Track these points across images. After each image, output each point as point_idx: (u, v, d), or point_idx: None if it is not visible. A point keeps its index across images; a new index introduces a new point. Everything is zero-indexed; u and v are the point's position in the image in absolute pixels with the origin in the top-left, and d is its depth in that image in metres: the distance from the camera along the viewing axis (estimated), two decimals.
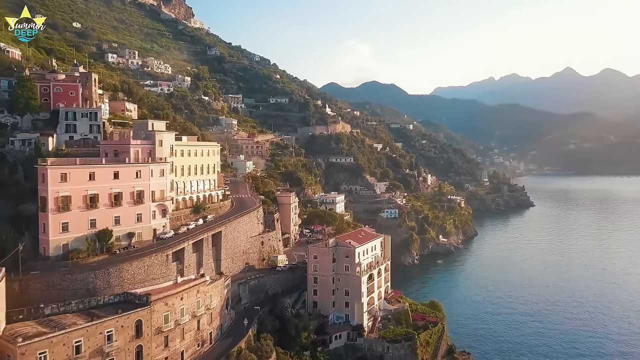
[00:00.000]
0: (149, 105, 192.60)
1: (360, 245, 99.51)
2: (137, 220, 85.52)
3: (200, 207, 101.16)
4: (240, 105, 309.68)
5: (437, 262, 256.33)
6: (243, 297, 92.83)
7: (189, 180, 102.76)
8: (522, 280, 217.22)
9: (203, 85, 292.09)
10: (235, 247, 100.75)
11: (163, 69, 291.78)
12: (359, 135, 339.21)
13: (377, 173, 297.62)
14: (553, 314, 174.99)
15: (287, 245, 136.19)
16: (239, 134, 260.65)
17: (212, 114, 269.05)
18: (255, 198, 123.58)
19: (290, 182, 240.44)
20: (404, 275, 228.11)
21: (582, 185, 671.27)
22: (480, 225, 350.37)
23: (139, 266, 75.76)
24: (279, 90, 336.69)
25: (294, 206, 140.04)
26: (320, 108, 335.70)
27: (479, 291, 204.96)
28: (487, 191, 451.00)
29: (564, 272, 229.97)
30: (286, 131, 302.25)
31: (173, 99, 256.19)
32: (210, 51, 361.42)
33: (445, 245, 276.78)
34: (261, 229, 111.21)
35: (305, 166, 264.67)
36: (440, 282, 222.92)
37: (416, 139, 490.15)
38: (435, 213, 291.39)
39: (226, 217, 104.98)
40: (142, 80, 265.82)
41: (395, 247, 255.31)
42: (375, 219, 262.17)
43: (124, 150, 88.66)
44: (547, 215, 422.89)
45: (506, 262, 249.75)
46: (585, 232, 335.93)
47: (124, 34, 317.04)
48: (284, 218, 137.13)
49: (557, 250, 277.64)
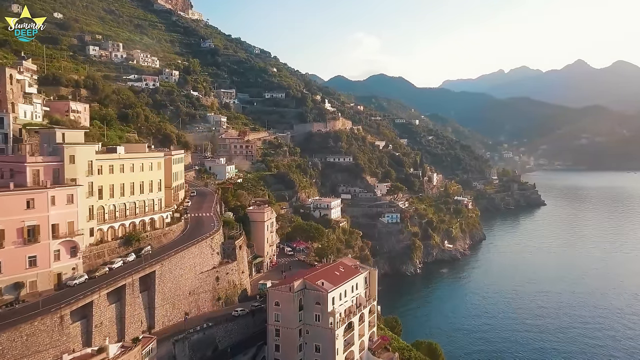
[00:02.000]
0: (119, 103, 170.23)
1: (336, 288, 76.33)
2: (30, 265, 63.01)
3: (133, 238, 78.37)
4: (233, 100, 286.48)
5: (441, 271, 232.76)
6: (180, 359, 70.25)
7: (120, 204, 79.97)
8: (534, 295, 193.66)
9: (192, 80, 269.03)
10: (177, 288, 78.13)
11: (150, 62, 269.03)
12: (360, 132, 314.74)
13: (378, 173, 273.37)
14: (570, 337, 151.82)
15: (260, 271, 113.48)
16: (228, 132, 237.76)
17: (200, 110, 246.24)
18: (216, 218, 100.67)
19: (283, 185, 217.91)
20: (404, 287, 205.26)
21: (595, 182, 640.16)
22: (489, 228, 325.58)
23: (13, 337, 53.41)
24: (275, 84, 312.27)
25: (269, 223, 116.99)
26: (319, 103, 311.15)
27: (486, 308, 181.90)
28: (497, 189, 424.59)
29: (580, 284, 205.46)
30: (281, 128, 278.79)
31: (157, 95, 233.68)
32: (204, 43, 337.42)
33: (451, 252, 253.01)
34: (217, 261, 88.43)
35: (300, 167, 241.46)
36: (444, 297, 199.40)
37: (422, 135, 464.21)
38: (441, 216, 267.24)
39: (171, 247, 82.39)
40: (126, 75, 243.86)
41: (397, 255, 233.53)
42: (374, 223, 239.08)
43: (19, 169, 66.14)
44: (559, 216, 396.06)
45: (516, 271, 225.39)
46: (600, 235, 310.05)
47: (111, 25, 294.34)
48: (256, 238, 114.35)
49: (571, 258, 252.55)
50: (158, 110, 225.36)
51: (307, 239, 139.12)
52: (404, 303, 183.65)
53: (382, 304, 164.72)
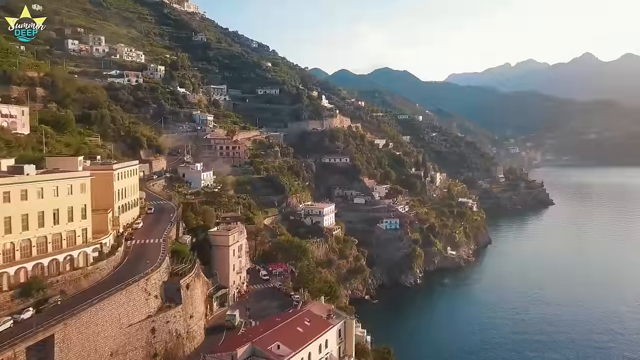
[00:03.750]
0: (84, 102, 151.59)
1: (295, 354, 57.42)
2: None
3: (33, 286, 59.76)
4: (224, 97, 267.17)
5: (443, 281, 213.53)
6: None
7: (21, 240, 61.38)
8: (543, 307, 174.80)
9: (180, 76, 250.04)
10: (92, 351, 59.51)
11: (135, 57, 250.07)
12: (358, 130, 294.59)
13: (377, 175, 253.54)
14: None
15: (223, 304, 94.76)
16: (215, 131, 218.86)
17: (186, 108, 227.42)
18: (164, 246, 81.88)
19: (272, 190, 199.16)
20: (402, 301, 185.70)
21: (604, 178, 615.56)
22: (495, 230, 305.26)
23: None
24: (268, 80, 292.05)
25: (236, 247, 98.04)
26: (316, 100, 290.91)
27: (492, 323, 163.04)
28: (503, 188, 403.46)
29: (595, 297, 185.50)
30: (275, 127, 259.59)
31: (140, 92, 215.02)
32: (195, 37, 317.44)
33: (454, 259, 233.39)
34: (155, 307, 69.64)
35: (292, 169, 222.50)
36: (446, 312, 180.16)
37: (425, 132, 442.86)
38: (443, 221, 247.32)
39: (93, 293, 63.80)
40: (107, 70, 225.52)
41: (395, 264, 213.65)
42: (372, 230, 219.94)
43: None
44: (568, 216, 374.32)
45: (524, 280, 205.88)
46: (613, 237, 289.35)
47: (96, 17, 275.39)
48: (220, 266, 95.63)
49: (582, 263, 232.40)
50: (139, 108, 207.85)
51: (289, 259, 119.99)
52: (401, 321, 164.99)
53: (377, 324, 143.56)
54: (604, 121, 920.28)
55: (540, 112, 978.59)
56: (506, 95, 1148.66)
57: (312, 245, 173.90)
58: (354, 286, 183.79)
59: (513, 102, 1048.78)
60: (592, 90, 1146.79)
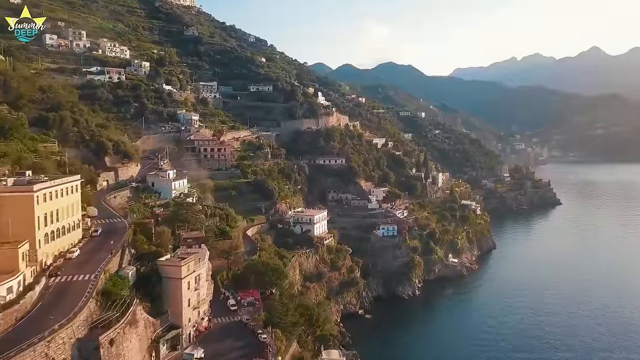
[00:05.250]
0: (47, 103, 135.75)
1: None
2: None
3: None
4: (214, 94, 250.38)
5: (444, 292, 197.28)
6: None
7: None
8: (552, 321, 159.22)
9: (166, 72, 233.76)
10: None
11: (119, 52, 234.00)
12: (356, 129, 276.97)
13: (374, 177, 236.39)
14: None
15: (176, 348, 78.76)
16: (201, 132, 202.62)
17: (171, 107, 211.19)
18: (90, 286, 65.81)
19: (259, 195, 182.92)
20: (398, 315, 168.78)
21: (611, 175, 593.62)
22: (499, 233, 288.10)
23: None
24: (261, 76, 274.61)
25: (192, 279, 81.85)
26: (311, 97, 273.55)
27: (498, 339, 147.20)
28: (509, 188, 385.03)
29: (615, 307, 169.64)
30: (267, 126, 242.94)
31: (120, 90, 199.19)
32: (187, 31, 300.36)
33: (456, 267, 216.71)
34: None
35: (283, 171, 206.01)
36: (447, 327, 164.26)
37: (428, 129, 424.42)
38: (445, 226, 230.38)
39: None
40: (87, 67, 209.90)
41: (392, 275, 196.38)
42: (368, 237, 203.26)
43: None
44: (576, 217, 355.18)
45: (530, 290, 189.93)
46: (625, 241, 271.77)
47: (81, 11, 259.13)
48: (172, 302, 79.54)
49: (594, 269, 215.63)
50: (119, 107, 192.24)
51: (263, 285, 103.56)
52: (397, 337, 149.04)
53: (371, 341, 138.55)
54: (610, 116, 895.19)
55: (546, 106, 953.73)
56: (512, 89, 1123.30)
57: (300, 257, 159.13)
58: (347, 300, 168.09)
59: (519, 96, 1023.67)
60: (599, 84, 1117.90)
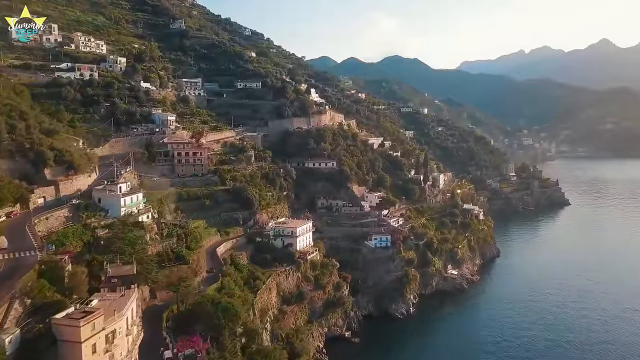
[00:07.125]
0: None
1: None
2: None
3: None
4: (198, 92, 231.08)
5: (441, 309, 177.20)
6: None
7: None
8: (563, 337, 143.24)
9: (145, 68, 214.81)
10: None
11: (94, 47, 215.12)
12: (351, 128, 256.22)
13: (368, 181, 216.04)
14: None
15: None
16: (177, 133, 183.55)
17: (147, 106, 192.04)
18: None
19: (238, 204, 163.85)
20: (389, 337, 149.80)
21: (622, 172, 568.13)
22: (504, 237, 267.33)
23: None
24: (250, 72, 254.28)
25: (99, 340, 62.90)
26: (303, 94, 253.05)
27: None
28: (515, 187, 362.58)
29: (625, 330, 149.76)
30: (254, 126, 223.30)
31: (90, 88, 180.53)
32: (173, 24, 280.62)
33: (455, 280, 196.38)
34: None
35: (267, 176, 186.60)
36: (444, 347, 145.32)
37: (431, 126, 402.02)
38: (444, 234, 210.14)
39: None
40: (57, 63, 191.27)
41: (385, 290, 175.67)
42: (359, 248, 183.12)
43: None
44: (586, 219, 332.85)
45: (536, 302, 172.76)
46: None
47: (56, 3, 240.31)
48: None
49: (606, 275, 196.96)
50: (88, 107, 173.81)
51: (210, 329, 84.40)
52: None
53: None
54: (620, 110, 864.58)
55: (554, 100, 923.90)
56: (520, 83, 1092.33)
57: (278, 276, 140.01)
58: (332, 322, 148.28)
59: (527, 90, 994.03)
60: (609, 78, 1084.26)
